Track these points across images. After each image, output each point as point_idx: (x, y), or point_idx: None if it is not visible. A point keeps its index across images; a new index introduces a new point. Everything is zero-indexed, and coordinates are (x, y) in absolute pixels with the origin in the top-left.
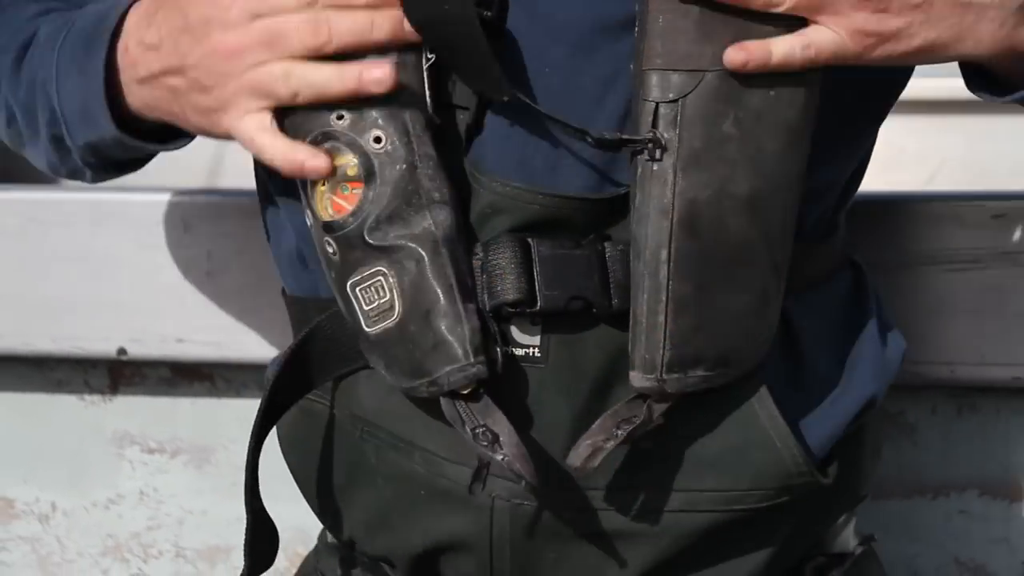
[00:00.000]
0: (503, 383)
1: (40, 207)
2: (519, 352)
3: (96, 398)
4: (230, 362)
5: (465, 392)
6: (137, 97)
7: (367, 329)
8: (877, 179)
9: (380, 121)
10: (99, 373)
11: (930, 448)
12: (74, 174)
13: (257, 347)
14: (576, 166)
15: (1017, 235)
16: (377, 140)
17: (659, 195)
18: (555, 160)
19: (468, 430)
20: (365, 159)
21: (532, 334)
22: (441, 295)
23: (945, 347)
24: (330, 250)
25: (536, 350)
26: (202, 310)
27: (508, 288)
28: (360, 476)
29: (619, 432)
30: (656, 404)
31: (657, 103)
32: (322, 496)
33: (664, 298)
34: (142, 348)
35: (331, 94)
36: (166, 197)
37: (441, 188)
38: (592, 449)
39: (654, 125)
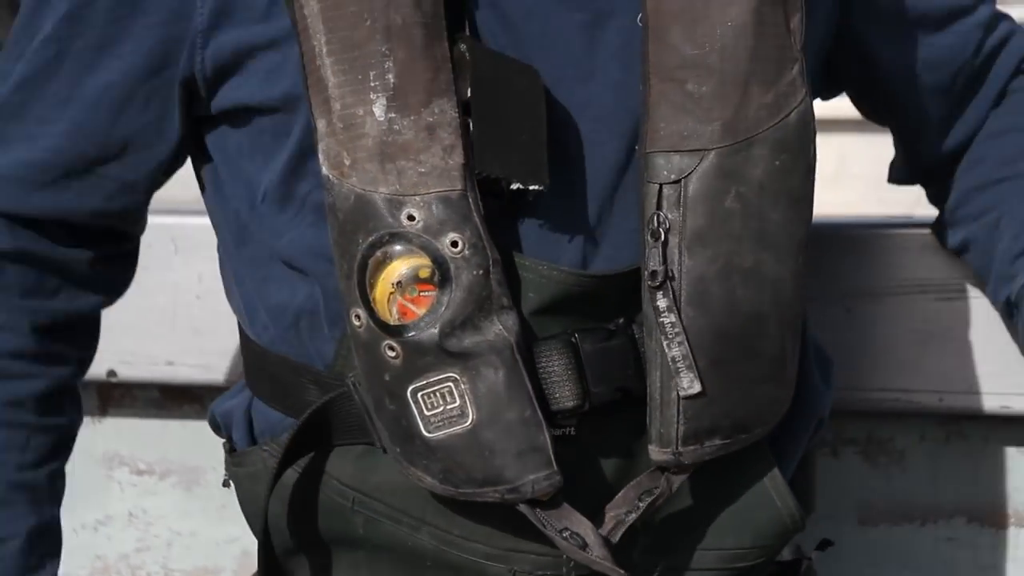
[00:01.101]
0: None
1: None
2: (557, 432)
3: (86, 420)
4: (220, 385)
5: (546, 499)
6: None
7: (427, 434)
8: (869, 196)
9: (456, 225)
10: (89, 395)
11: (918, 475)
12: None
13: None
14: (607, 244)
15: None
16: (454, 244)
17: (665, 274)
18: (586, 240)
19: (556, 533)
20: (441, 263)
21: (570, 417)
22: (521, 404)
23: (934, 375)
24: (391, 354)
25: (572, 429)
26: (192, 333)
27: (567, 395)
28: (344, 542)
29: (640, 504)
30: (674, 475)
31: (661, 185)
32: (290, 555)
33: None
34: (132, 370)
35: None
36: (157, 219)
37: (507, 293)
38: (615, 522)
39: (658, 207)
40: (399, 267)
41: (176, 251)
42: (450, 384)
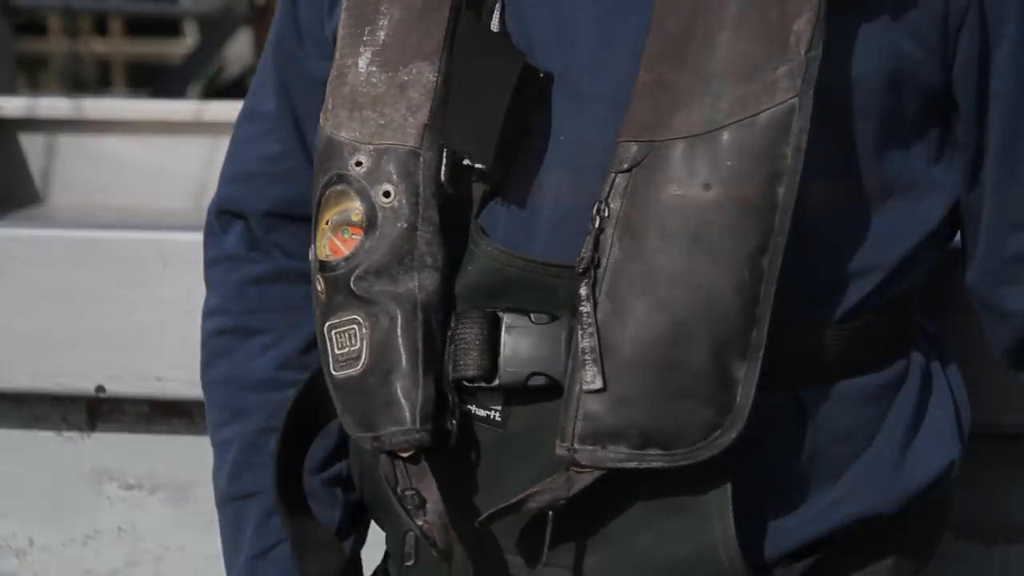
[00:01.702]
0: (463, 444)
1: (20, 244)
2: (481, 413)
3: (74, 434)
4: None
5: (405, 455)
6: None
7: (333, 372)
8: None
9: (394, 177)
10: (78, 409)
11: None
12: None
13: None
14: (576, 235)
15: None
16: (386, 194)
17: (590, 262)
18: (554, 229)
19: (397, 491)
20: (370, 209)
21: (495, 400)
22: (405, 358)
23: None
24: (319, 288)
25: (497, 414)
26: (181, 348)
27: (470, 364)
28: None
29: (535, 497)
30: (577, 475)
31: (615, 173)
32: (373, 511)
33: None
34: (121, 385)
35: None
36: (145, 235)
37: (436, 254)
38: (502, 512)
39: (607, 195)
40: (339, 207)
41: (165, 267)
42: (354, 326)
